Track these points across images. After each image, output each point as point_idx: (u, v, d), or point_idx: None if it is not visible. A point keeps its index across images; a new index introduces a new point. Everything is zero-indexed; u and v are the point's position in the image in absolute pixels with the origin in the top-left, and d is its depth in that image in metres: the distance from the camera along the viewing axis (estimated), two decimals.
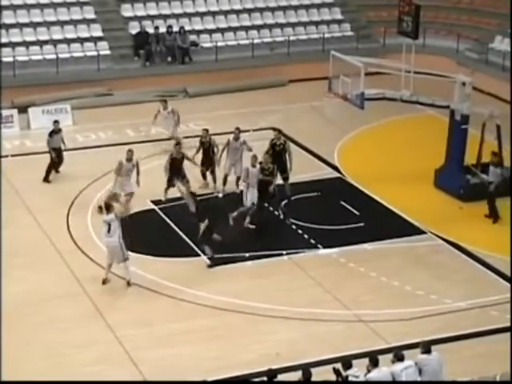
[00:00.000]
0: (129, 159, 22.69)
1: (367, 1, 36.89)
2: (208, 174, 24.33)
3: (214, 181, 24.27)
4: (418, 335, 17.01)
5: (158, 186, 24.01)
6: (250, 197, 22.30)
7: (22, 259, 20.54)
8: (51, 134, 25.09)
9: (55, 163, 25.09)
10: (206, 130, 24.40)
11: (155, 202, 23.44)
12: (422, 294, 19.58)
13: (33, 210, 22.94)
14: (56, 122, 25.40)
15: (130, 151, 22.82)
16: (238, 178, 23.70)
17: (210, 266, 20.54)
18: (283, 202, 22.99)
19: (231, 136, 24.04)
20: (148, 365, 16.94)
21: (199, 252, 21.03)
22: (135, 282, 19.70)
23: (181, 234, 21.94)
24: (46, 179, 24.92)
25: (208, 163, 24.19)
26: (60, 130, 25.27)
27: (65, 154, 25.53)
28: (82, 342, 17.61)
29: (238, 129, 24.09)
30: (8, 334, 17.41)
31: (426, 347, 15.05)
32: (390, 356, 14.95)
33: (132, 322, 18.34)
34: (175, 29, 33.20)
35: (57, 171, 25.26)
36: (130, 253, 20.11)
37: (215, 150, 24.15)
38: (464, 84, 24.11)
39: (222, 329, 18.19)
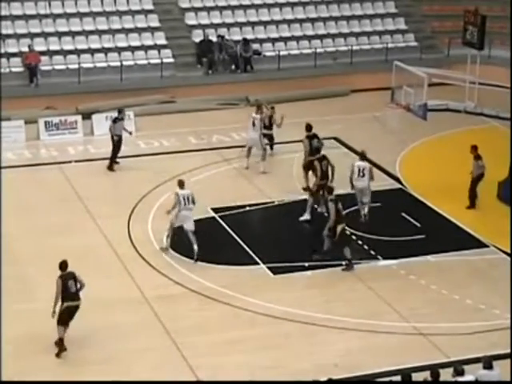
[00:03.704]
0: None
1: (432, 11, 36.57)
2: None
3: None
4: (479, 350, 16.77)
5: (217, 194, 24.12)
6: None
7: (85, 265, 20.70)
8: (115, 120, 26.06)
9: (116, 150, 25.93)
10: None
11: (215, 210, 23.53)
12: (483, 308, 19.30)
13: (95, 216, 23.16)
14: (121, 110, 26.34)
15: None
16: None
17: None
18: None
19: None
20: (205, 372, 16.98)
21: (258, 260, 21.07)
22: (195, 289, 19.78)
23: (240, 241, 21.97)
24: (111, 167, 25.85)
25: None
26: (123, 119, 26.19)
27: (128, 160, 25.82)
28: (140, 348, 17.72)
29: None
30: (67, 337, 17.60)
31: (488, 362, 14.84)
32: (450, 370, 14.79)
33: (191, 328, 18.40)
34: (236, 37, 33.34)
35: (116, 162, 25.93)
36: (189, 260, 20.35)
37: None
38: None
39: (279, 338, 18.15)
